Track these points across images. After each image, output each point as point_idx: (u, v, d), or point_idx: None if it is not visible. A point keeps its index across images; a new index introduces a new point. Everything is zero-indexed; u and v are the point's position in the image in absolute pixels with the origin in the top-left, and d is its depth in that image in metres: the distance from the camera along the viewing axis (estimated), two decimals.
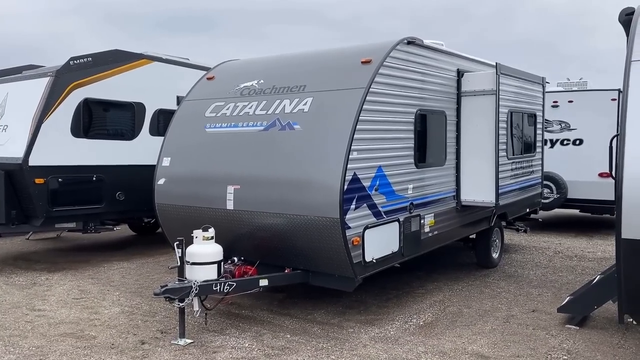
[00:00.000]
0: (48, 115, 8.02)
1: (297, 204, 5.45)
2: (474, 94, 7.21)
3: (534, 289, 7.33)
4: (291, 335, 5.56)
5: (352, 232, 5.34)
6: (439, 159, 6.89)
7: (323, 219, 5.27)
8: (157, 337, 5.50)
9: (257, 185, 5.76)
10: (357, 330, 5.73)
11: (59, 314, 6.24)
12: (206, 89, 6.96)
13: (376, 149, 5.71)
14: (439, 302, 6.76)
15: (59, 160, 8.15)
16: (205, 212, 6.20)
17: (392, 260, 6.00)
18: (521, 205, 8.94)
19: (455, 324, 5.96)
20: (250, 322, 5.96)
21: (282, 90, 6.13)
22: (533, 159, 9.15)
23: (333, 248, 5.34)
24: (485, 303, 6.70)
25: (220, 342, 5.39)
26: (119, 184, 8.85)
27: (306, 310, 6.36)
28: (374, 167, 5.68)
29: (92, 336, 5.53)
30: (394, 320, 6.05)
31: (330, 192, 5.22)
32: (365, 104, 5.48)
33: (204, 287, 5.32)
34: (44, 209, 8.00)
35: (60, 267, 8.57)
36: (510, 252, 9.71)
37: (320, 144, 5.47)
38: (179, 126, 6.84)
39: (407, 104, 6.20)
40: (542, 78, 9.29)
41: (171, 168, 6.62)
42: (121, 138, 9.05)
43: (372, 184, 5.63)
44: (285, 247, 5.72)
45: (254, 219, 5.80)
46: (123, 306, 6.55)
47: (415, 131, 6.32)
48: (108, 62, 8.74)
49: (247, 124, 6.11)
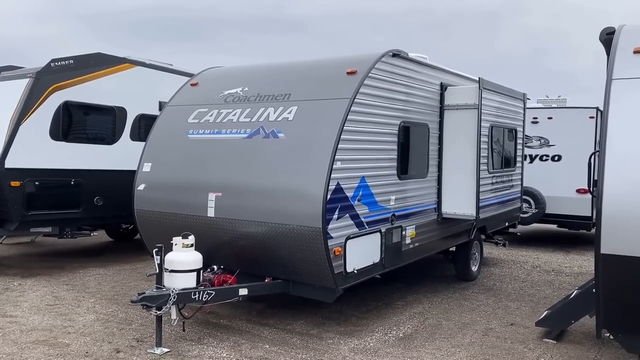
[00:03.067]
0: (26, 117, 7.87)
1: (279, 212, 5.41)
2: (457, 107, 7.28)
3: (512, 303, 7.38)
4: (270, 346, 5.49)
5: (334, 242, 5.31)
6: (421, 171, 6.92)
7: (305, 228, 5.24)
8: (132, 346, 5.38)
9: (239, 193, 5.71)
10: (336, 341, 5.69)
11: (31, 321, 6.08)
12: (189, 95, 6.90)
13: (360, 160, 5.71)
14: (419, 314, 6.75)
15: (36, 163, 7.99)
16: (185, 219, 6.12)
17: (374, 271, 5.98)
18: (501, 219, 9.02)
19: (434, 336, 5.96)
20: (228, 332, 5.88)
21: (266, 98, 6.10)
22: (513, 173, 9.26)
23: (314, 258, 5.30)
24: (465, 316, 6.72)
25: (198, 351, 5.30)
26: (97, 188, 8.70)
27: (285, 321, 6.30)
28: (357, 177, 5.68)
29: (66, 344, 5.39)
30: (373, 332, 6.02)
31: (313, 201, 5.20)
32: (350, 114, 5.48)
33: (183, 295, 5.24)
34: (19, 213, 7.82)
35: (34, 273, 8.37)
36: (489, 266, 9.78)
37: (304, 153, 5.45)
38: (160, 131, 6.77)
39: (391, 115, 6.23)
40: (523, 94, 9.44)
41: (152, 174, 6.53)
42: (101, 142, 8.91)
43: (355, 194, 5.62)
44: (266, 257, 5.67)
45: (234, 227, 5.74)
46: (98, 313, 6.41)
47: (398, 143, 6.35)
48: (90, 65, 8.63)
49: (230, 131, 6.07)
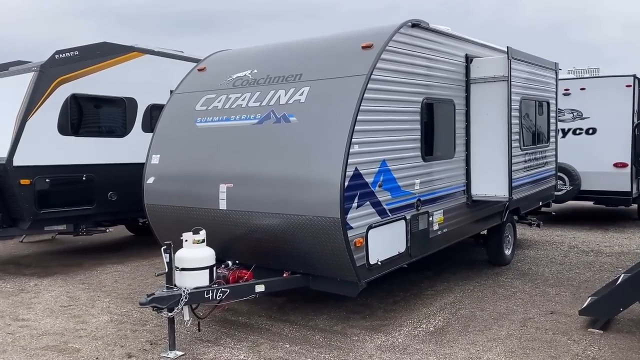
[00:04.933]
0: (33, 113, 7.61)
1: (293, 203, 5.00)
2: (484, 80, 6.73)
3: (551, 288, 6.87)
4: (290, 345, 5.13)
5: (354, 232, 4.89)
6: (447, 152, 6.42)
7: (322, 218, 4.83)
8: (145, 350, 5.08)
9: (250, 183, 5.32)
10: (362, 338, 5.30)
11: (43, 324, 5.84)
12: (197, 81, 6.52)
13: (379, 142, 5.25)
14: (450, 304, 6.31)
15: (45, 160, 7.74)
16: (197, 212, 5.77)
17: (399, 261, 5.55)
18: (534, 198, 8.47)
19: (468, 329, 5.52)
20: (247, 331, 5.54)
21: (276, 80, 5.67)
22: (547, 149, 8.66)
23: (334, 250, 4.89)
24: (500, 305, 6.25)
25: (214, 354, 4.97)
26: (110, 183, 8.43)
27: (307, 316, 5.93)
28: (378, 161, 5.23)
29: (76, 349, 5.12)
30: (401, 326, 5.61)
31: (329, 189, 4.77)
32: (367, 92, 5.01)
33: (195, 295, 4.90)
34: (30, 211, 7.60)
35: (51, 272, 8.18)
36: (523, 248, 9.25)
37: (318, 137, 5.02)
38: (168, 121, 6.41)
39: (412, 92, 5.73)
40: (555, 64, 8.78)
41: (160, 166, 6.19)
42: (112, 135, 8.62)
43: (375, 179, 5.18)
44: (283, 250, 5.29)
45: (248, 219, 5.36)
46: (112, 314, 6.14)
47: (421, 122, 5.86)
48: (96, 55, 8.31)
49: (239, 117, 5.67)
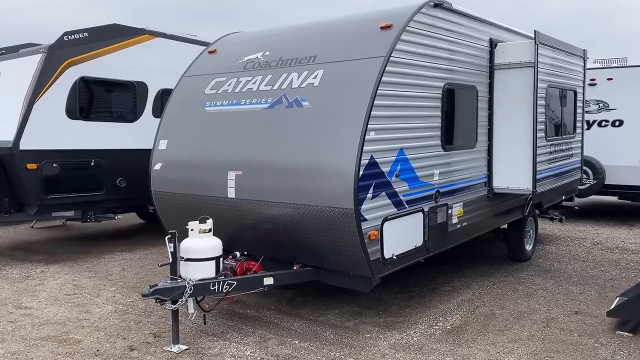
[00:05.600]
0: (40, 95, 7.41)
1: (305, 192, 4.73)
2: (509, 66, 6.37)
3: (575, 287, 6.54)
4: (299, 341, 4.88)
5: (368, 224, 4.60)
6: (468, 141, 6.09)
7: (335, 209, 4.55)
8: (148, 342, 4.87)
9: (260, 171, 5.06)
10: (375, 335, 5.03)
11: (45, 313, 5.66)
12: (207, 64, 6.25)
13: (397, 129, 4.94)
14: (468, 301, 6.01)
15: (53, 144, 7.55)
16: (204, 200, 5.53)
17: (416, 256, 5.26)
18: (558, 192, 8.09)
19: (487, 328, 5.22)
20: (254, 324, 5.30)
21: (289, 62, 5.38)
22: (572, 140, 8.26)
23: (347, 243, 4.62)
24: (521, 303, 5.94)
25: (219, 348, 4.74)
26: (119, 169, 8.23)
27: (318, 311, 5.68)
28: (395, 149, 4.92)
29: (77, 340, 4.93)
30: (417, 324, 5.33)
31: (343, 178, 4.49)
32: (385, 75, 4.70)
33: (200, 286, 4.67)
34: (37, 197, 7.43)
35: (59, 259, 8.03)
36: (544, 243, 8.89)
37: (332, 123, 4.73)
38: (176, 105, 6.16)
39: (433, 76, 5.40)
40: (583, 50, 8.36)
41: (168, 152, 5.95)
42: (122, 120, 8.41)
43: (392, 169, 4.88)
44: (293, 242, 5.03)
45: (257, 208, 5.10)
46: (117, 304, 5.95)
47: (442, 109, 5.53)
48: (106, 37, 8.08)
49: (250, 102, 5.39)
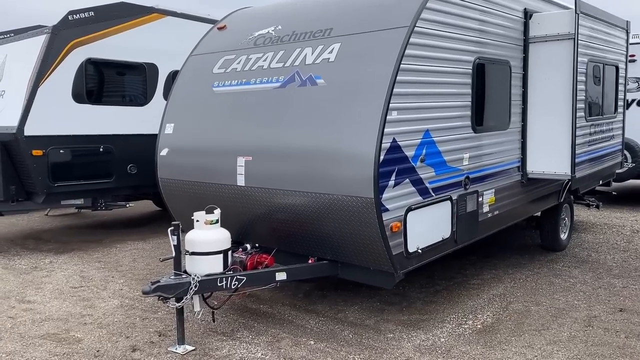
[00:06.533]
0: (45, 78, 7.08)
1: (319, 179, 4.28)
2: (546, 39, 5.78)
3: (616, 280, 5.99)
4: (315, 342, 4.48)
5: (390, 215, 4.14)
6: (501, 122, 5.56)
7: (353, 199, 4.09)
8: (152, 342, 4.52)
9: (271, 156, 4.62)
10: (397, 335, 4.60)
11: (48, 308, 5.36)
12: (216, 41, 5.81)
13: (423, 108, 4.44)
14: (500, 296, 5.53)
15: (59, 129, 7.23)
16: (213, 188, 5.13)
17: (443, 249, 4.79)
18: (597, 177, 7.48)
19: (522, 327, 4.74)
20: (267, 322, 4.91)
21: (303, 36, 4.90)
22: (614, 121, 7.62)
23: (366, 236, 4.17)
24: (558, 299, 5.43)
25: (228, 349, 4.36)
26: (130, 155, 7.89)
27: (336, 307, 5.26)
28: (420, 131, 4.43)
29: (77, 339, 4.60)
30: (444, 322, 4.88)
31: (361, 164, 4.02)
32: (409, 47, 4.20)
33: (206, 282, 4.28)
34: (44, 184, 7.13)
35: (69, 248, 7.76)
36: (579, 231, 8.31)
37: (349, 103, 4.25)
38: (183, 86, 5.74)
39: (462, 50, 4.87)
40: (626, 22, 7.67)
41: (175, 136, 5.56)
42: (131, 104, 8.05)
43: (417, 153, 4.39)
44: (308, 233, 4.60)
45: (268, 197, 4.68)
46: (123, 298, 5.63)
47: (473, 85, 5.00)
48: (113, 16, 7.69)
49: (260, 80, 4.94)
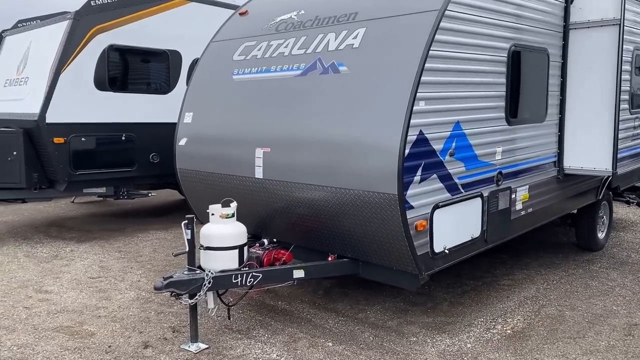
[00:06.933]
0: (67, 65, 6.99)
1: (340, 173, 4.03)
2: (588, 25, 5.38)
3: None
4: (334, 344, 4.26)
5: (415, 213, 3.87)
6: (537, 114, 5.20)
7: (375, 195, 3.84)
8: (165, 338, 4.38)
9: (290, 148, 4.40)
10: (421, 339, 4.34)
11: (64, 299, 5.28)
12: (237, 27, 5.59)
13: (453, 98, 4.15)
14: (532, 299, 5.22)
15: (81, 117, 7.15)
16: (230, 180, 4.94)
17: (472, 249, 4.50)
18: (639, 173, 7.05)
19: (555, 334, 4.43)
20: (285, 320, 4.72)
21: (326, 21, 4.64)
22: None
23: (389, 235, 3.91)
24: (595, 303, 5.09)
25: (242, 349, 4.18)
26: (152, 144, 7.77)
27: (357, 306, 5.03)
28: (450, 123, 4.14)
29: (90, 333, 4.49)
30: (471, 326, 4.60)
31: (385, 158, 3.76)
32: (439, 32, 3.90)
33: (220, 279, 4.11)
34: (65, 173, 7.07)
35: (91, 237, 7.72)
36: (618, 230, 7.87)
37: (373, 91, 3.98)
38: (203, 73, 5.55)
39: (497, 36, 4.54)
40: None
41: (193, 125, 5.38)
42: (154, 92, 7.91)
43: (446, 146, 4.10)
44: (328, 230, 4.36)
45: (287, 191, 4.46)
46: (140, 290, 5.51)
47: (508, 75, 4.67)
48: (136, 2, 7.54)
49: (280, 68, 4.71)
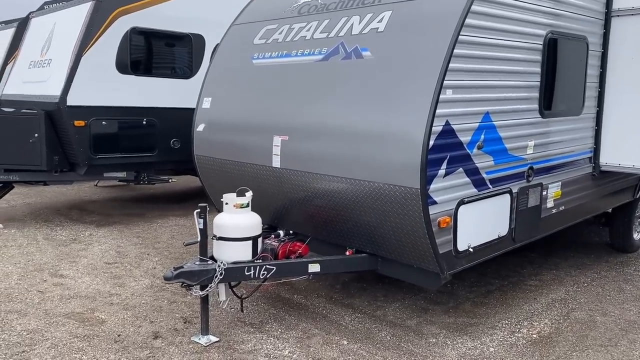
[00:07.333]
0: (89, 47, 6.91)
1: (360, 165, 3.83)
2: (632, 12, 5.02)
3: None
4: (349, 342, 4.09)
5: (438, 209, 3.65)
6: (573, 106, 4.89)
7: (396, 188, 3.62)
8: (176, 329, 4.26)
9: (308, 137, 4.20)
10: (441, 341, 4.14)
11: (79, 284, 5.22)
12: (259, 9, 5.39)
13: (483, 87, 3.89)
14: (560, 301, 4.95)
15: (102, 100, 7.08)
16: (248, 169, 4.78)
17: (498, 248, 4.25)
18: None
19: (585, 341, 4.17)
20: (299, 314, 4.56)
21: (351, 3, 4.41)
22: None
23: (410, 231, 3.70)
24: (629, 309, 4.80)
25: (254, 343, 4.04)
26: (173, 129, 7.67)
27: (375, 302, 4.84)
28: (479, 113, 3.89)
29: (101, 320, 4.41)
30: (495, 328, 4.37)
31: (407, 149, 3.54)
32: (470, 16, 3.64)
33: (232, 271, 3.96)
34: (86, 156, 7.03)
35: (111, 221, 7.69)
36: None
37: (398, 78, 3.75)
38: (223, 57, 5.39)
39: (533, 22, 4.24)
40: None
41: (212, 111, 5.23)
42: (176, 76, 7.79)
43: (473, 138, 3.86)
44: (346, 223, 4.17)
45: (305, 182, 4.28)
46: (155, 278, 5.42)
47: (543, 63, 4.37)
48: None
49: (302, 53, 4.50)
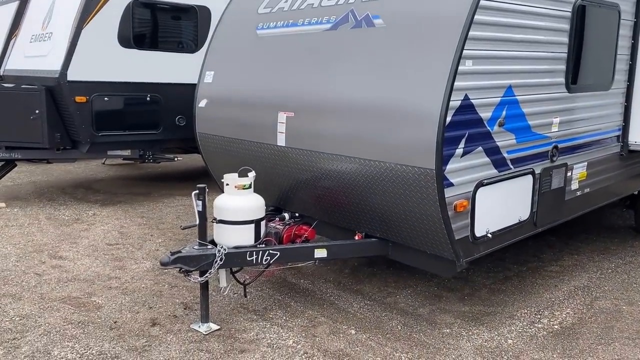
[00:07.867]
0: (89, 20, 6.63)
1: (369, 143, 3.54)
2: None
3: None
4: (357, 331, 3.85)
5: (455, 191, 3.36)
6: (602, 80, 4.54)
7: (409, 169, 3.33)
8: (175, 316, 4.06)
9: (314, 113, 3.91)
10: (455, 331, 3.88)
11: (78, 266, 5.04)
12: None
13: (506, 58, 3.55)
14: (583, 289, 4.65)
15: (104, 75, 6.82)
16: (252, 147, 4.51)
17: (519, 233, 3.96)
18: None
19: (610, 333, 3.89)
20: (306, 301, 4.33)
21: None
22: None
23: (424, 215, 3.42)
24: None
25: (256, 332, 3.82)
26: (179, 106, 7.40)
27: (386, 288, 4.59)
28: (501, 87, 3.56)
29: (98, 305, 4.22)
30: (513, 318, 4.10)
31: (422, 126, 3.24)
32: None
33: (233, 256, 3.73)
34: (88, 133, 6.80)
35: (116, 200, 7.50)
36: None
37: (413, 48, 3.43)
38: (226, 28, 5.09)
39: None
40: None
41: (214, 86, 4.95)
42: (181, 50, 7.50)
43: (494, 114, 3.54)
44: (355, 205, 3.90)
45: (311, 161, 4.00)
46: (157, 260, 5.20)
47: (571, 33, 4.02)
48: None
49: (308, 22, 4.19)
